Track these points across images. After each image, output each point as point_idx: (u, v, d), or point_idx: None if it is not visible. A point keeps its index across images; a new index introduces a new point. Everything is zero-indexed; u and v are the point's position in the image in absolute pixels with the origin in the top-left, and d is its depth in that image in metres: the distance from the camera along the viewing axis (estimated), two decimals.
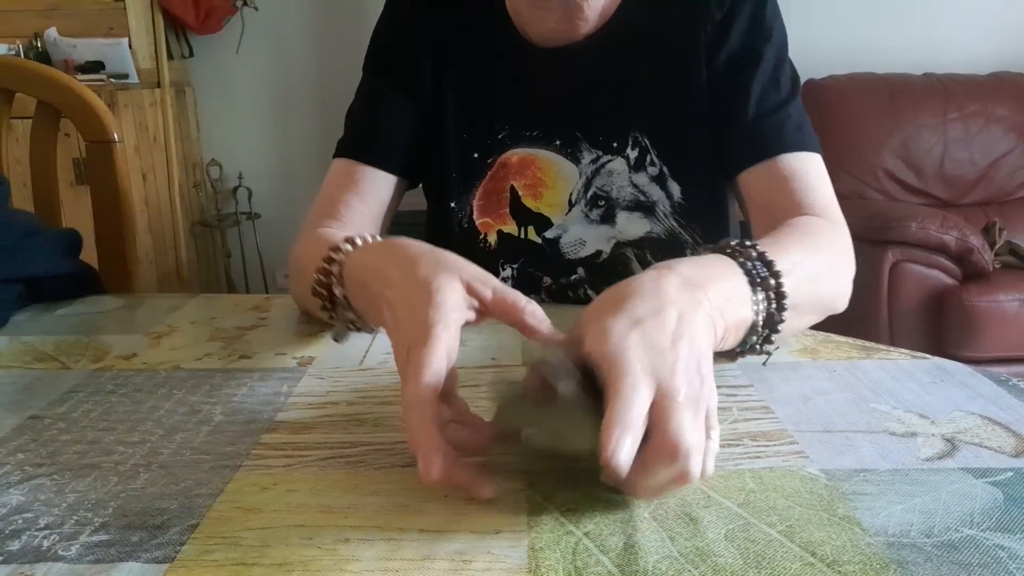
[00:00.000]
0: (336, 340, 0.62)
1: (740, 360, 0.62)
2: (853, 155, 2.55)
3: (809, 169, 0.71)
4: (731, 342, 0.52)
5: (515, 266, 0.82)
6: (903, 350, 0.65)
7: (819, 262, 0.61)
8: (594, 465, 0.38)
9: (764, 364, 0.60)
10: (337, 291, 0.57)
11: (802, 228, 0.66)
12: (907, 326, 2.14)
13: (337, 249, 0.57)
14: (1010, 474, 0.46)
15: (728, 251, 0.54)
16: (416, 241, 0.53)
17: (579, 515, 0.42)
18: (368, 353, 0.66)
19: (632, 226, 0.80)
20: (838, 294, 0.64)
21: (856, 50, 2.68)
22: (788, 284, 0.53)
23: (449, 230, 0.83)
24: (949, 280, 2.14)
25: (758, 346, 0.55)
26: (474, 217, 0.83)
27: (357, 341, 0.68)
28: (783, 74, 0.75)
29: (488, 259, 0.82)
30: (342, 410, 0.55)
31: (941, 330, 2.13)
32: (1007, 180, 2.61)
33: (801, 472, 0.46)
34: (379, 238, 0.58)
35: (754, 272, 0.52)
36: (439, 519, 0.42)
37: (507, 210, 0.82)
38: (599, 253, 0.81)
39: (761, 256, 0.53)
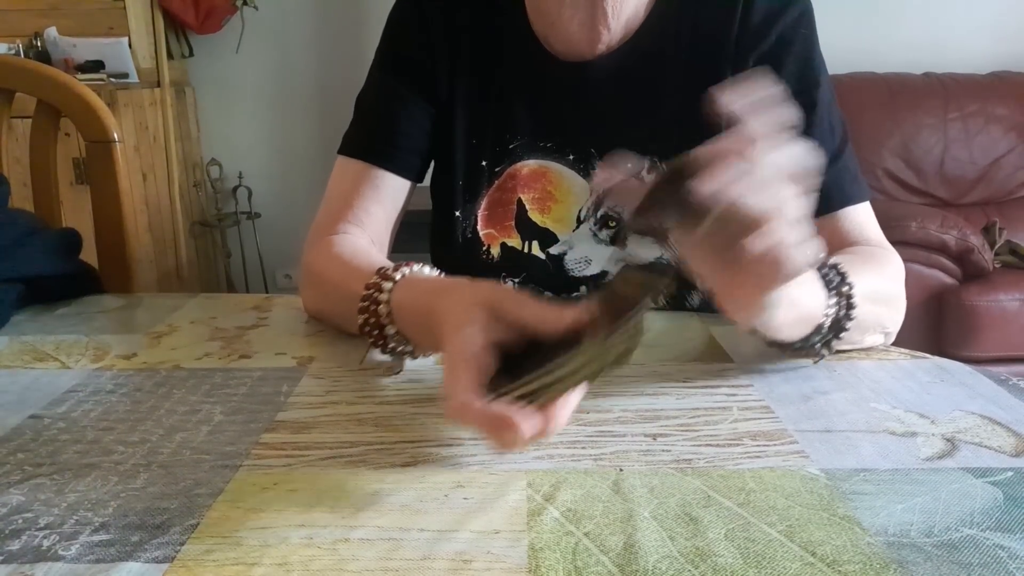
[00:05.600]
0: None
1: (742, 359, 0.62)
2: None
3: (866, 219, 0.73)
4: (796, 334, 0.56)
5: (517, 280, 0.81)
6: (903, 350, 0.65)
7: (883, 286, 0.64)
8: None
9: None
10: (390, 330, 0.58)
11: (866, 254, 0.68)
12: (907, 326, 2.16)
13: (380, 288, 0.58)
14: (1010, 474, 0.46)
15: None
16: (443, 285, 0.54)
17: (579, 515, 0.42)
18: (368, 353, 0.66)
19: (642, 250, 0.78)
20: (893, 321, 0.66)
21: (856, 50, 2.67)
22: (857, 295, 0.57)
23: (453, 239, 0.81)
24: (949, 280, 2.14)
25: (818, 346, 0.58)
26: (478, 228, 0.81)
27: (356, 342, 0.68)
28: (835, 118, 0.73)
29: (490, 272, 0.81)
30: (342, 410, 0.55)
31: (941, 330, 2.13)
32: (1007, 180, 2.61)
33: (801, 472, 0.46)
34: (414, 269, 0.60)
35: (828, 277, 0.56)
36: (439, 519, 0.42)
37: (512, 223, 0.81)
38: (604, 273, 0.79)
39: (835, 266, 0.57)
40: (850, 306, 0.57)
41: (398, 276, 0.59)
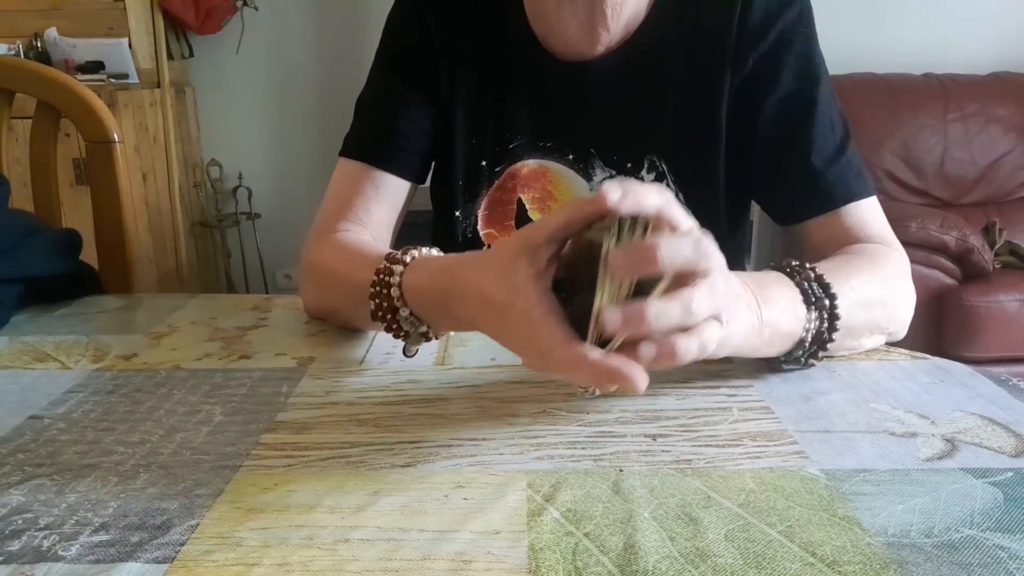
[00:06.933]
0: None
1: (741, 359, 0.62)
2: None
3: (870, 214, 0.72)
4: (776, 350, 0.57)
5: None
6: (903, 350, 0.65)
7: (877, 288, 0.63)
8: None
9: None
10: (403, 312, 0.58)
11: (863, 254, 0.67)
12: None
13: (390, 272, 0.58)
14: (1010, 474, 0.46)
15: (787, 270, 0.58)
16: (457, 261, 0.54)
17: (579, 515, 0.42)
18: (368, 353, 0.66)
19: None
20: (896, 319, 0.65)
21: (856, 50, 2.68)
22: (842, 306, 0.56)
23: (453, 240, 0.82)
24: (949, 280, 2.14)
25: (803, 359, 0.59)
26: (479, 228, 0.82)
27: (356, 342, 0.68)
28: (835, 115, 0.73)
29: None
30: (342, 410, 0.55)
31: (941, 330, 2.13)
32: (1007, 180, 2.61)
33: (801, 472, 0.46)
34: (423, 251, 0.60)
35: (809, 292, 0.56)
36: (439, 519, 0.42)
37: (513, 223, 0.81)
38: None
39: (819, 278, 0.57)
40: (833, 318, 0.56)
41: (408, 259, 0.59)
